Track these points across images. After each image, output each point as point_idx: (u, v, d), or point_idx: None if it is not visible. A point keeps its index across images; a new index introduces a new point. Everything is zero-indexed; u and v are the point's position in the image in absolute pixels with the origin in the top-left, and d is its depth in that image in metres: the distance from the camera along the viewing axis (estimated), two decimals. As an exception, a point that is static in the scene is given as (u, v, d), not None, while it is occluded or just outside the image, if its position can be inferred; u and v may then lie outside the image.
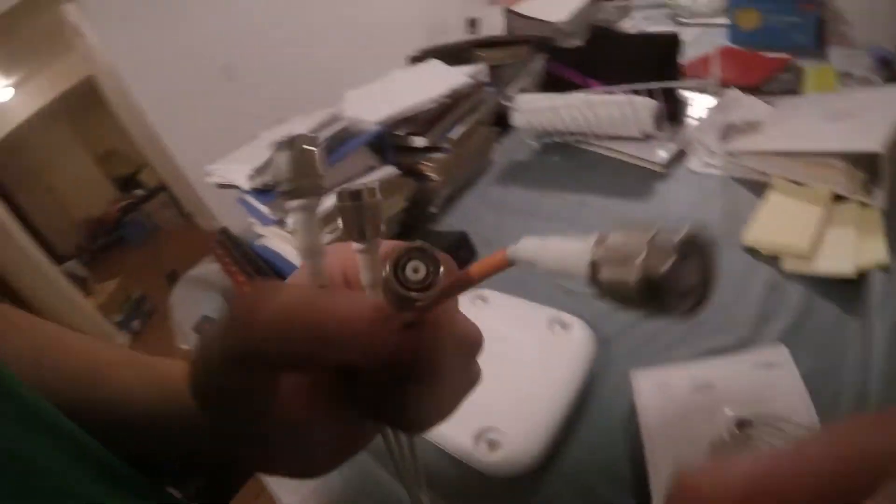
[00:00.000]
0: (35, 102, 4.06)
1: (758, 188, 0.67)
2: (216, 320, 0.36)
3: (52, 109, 4.13)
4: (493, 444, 0.48)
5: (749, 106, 0.78)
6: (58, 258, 3.51)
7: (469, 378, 0.26)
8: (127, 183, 4.83)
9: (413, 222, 0.84)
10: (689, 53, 0.96)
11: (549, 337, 0.56)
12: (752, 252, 0.60)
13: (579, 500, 0.45)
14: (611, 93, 0.81)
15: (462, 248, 0.76)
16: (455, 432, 0.49)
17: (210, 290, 1.01)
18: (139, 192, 4.75)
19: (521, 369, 0.54)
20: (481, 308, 0.64)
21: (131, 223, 4.53)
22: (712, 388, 0.43)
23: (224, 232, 1.08)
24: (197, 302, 0.99)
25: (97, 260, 4.44)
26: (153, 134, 2.59)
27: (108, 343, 0.31)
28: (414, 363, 0.21)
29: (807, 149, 0.62)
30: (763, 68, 0.89)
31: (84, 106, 4.26)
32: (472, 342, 0.25)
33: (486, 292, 0.65)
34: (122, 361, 0.29)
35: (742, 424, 0.37)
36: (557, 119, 0.86)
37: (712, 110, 0.80)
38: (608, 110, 0.80)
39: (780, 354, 0.45)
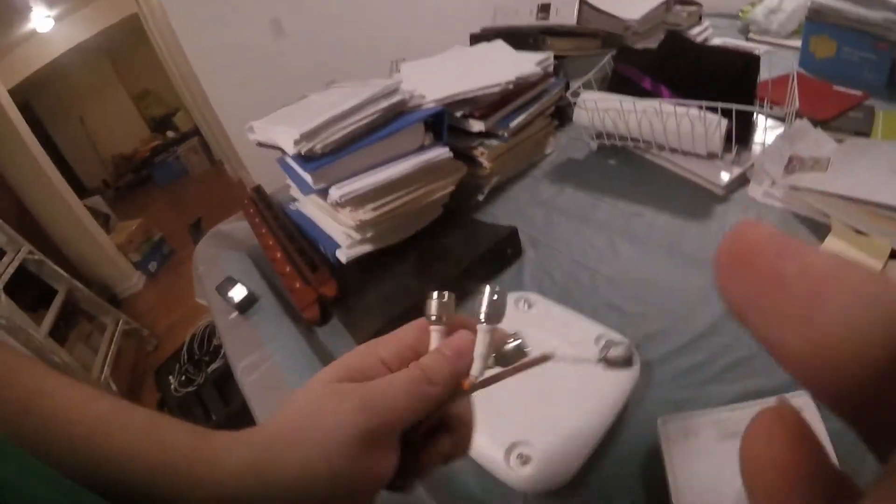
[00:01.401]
0: (76, 36, 4.05)
1: (818, 228, 0.63)
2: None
3: (92, 44, 4.13)
4: (523, 459, 0.46)
5: (816, 140, 0.72)
6: (83, 192, 3.55)
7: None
8: (160, 124, 4.84)
9: (457, 207, 0.80)
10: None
11: (594, 355, 0.53)
12: None
13: None
14: (684, 105, 0.76)
15: (510, 245, 0.72)
16: (488, 444, 0.47)
17: (236, 250, 0.99)
18: (171, 134, 4.76)
19: (561, 386, 0.51)
20: (525, 312, 0.60)
21: (160, 164, 4.56)
22: (738, 439, 0.40)
23: (258, 191, 1.05)
24: (222, 260, 0.97)
25: (122, 198, 4.49)
26: (192, 79, 2.56)
27: (101, 394, 0.27)
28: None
29: (871, 199, 0.59)
30: (837, 103, 0.82)
31: (126, 44, 4.26)
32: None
33: (532, 296, 0.61)
34: (119, 421, 0.26)
35: None
36: (622, 122, 0.81)
37: (779, 139, 0.74)
38: (679, 123, 0.75)
39: (805, 404, 0.42)
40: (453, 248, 0.72)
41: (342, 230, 0.74)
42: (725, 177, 0.73)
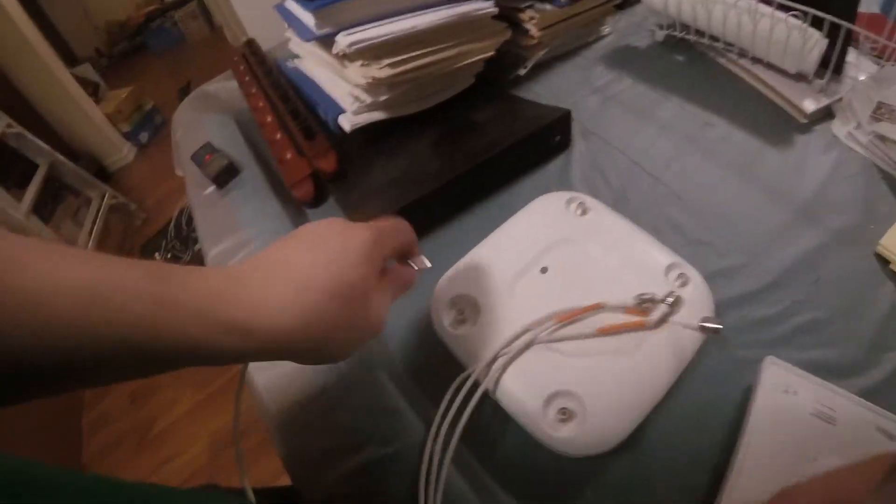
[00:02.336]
0: None
1: None
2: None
3: None
4: (565, 415, 0.37)
5: None
6: (75, 62, 3.30)
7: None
8: (157, -13, 4.46)
9: (493, 79, 0.64)
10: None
11: (663, 288, 0.40)
12: (882, 261, 0.47)
13: (643, 498, 0.38)
14: (785, 9, 0.58)
15: (560, 131, 0.57)
16: (523, 391, 0.38)
17: (220, 112, 0.83)
18: (169, -2, 4.40)
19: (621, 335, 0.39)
20: (578, 218, 0.46)
21: (156, 30, 4.23)
22: (832, 424, 0.36)
23: (250, 45, 0.88)
24: (203, 124, 0.81)
25: (115, 67, 4.24)
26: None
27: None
28: None
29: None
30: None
31: None
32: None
33: (588, 200, 0.47)
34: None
35: None
36: (704, 14, 0.64)
37: (870, 79, 0.59)
38: (773, 28, 0.58)
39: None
40: (487, 125, 0.56)
41: (349, 90, 0.59)
42: (811, 105, 0.59)
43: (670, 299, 0.38)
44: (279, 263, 0.29)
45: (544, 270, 0.42)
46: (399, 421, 0.42)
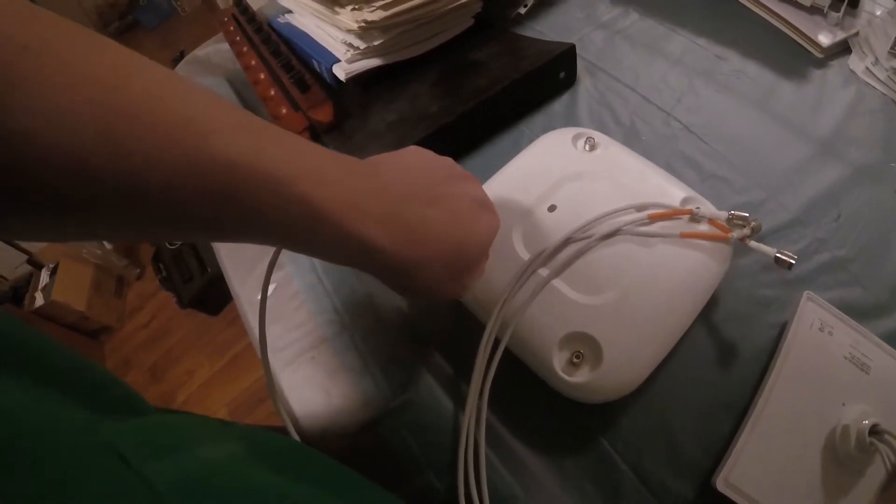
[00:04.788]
0: None
1: None
2: None
3: None
4: (579, 357, 0.35)
5: None
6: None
7: None
8: (145, -40, 4.34)
9: (492, 20, 0.61)
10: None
11: (680, 226, 0.38)
12: None
13: (661, 443, 0.37)
14: None
15: (564, 66, 0.54)
16: (536, 337, 0.37)
17: (214, 75, 0.81)
18: (157, -30, 4.29)
19: (633, 264, 0.37)
20: (586, 153, 0.44)
21: (147, 6, 4.14)
22: (864, 372, 0.35)
23: (239, 4, 0.84)
24: (197, 87, 0.79)
25: (110, 44, 4.18)
26: None
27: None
28: None
29: None
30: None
31: None
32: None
33: (596, 135, 0.45)
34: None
35: (876, 432, 0.31)
36: None
37: (886, 13, 0.57)
38: None
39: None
40: (488, 64, 0.54)
41: (342, 38, 0.56)
42: (827, 38, 0.56)
43: (754, 222, 0.37)
44: (418, 195, 0.30)
45: (552, 209, 0.40)
46: (412, 375, 0.41)
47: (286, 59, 0.62)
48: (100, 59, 0.19)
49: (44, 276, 1.87)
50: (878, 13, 0.57)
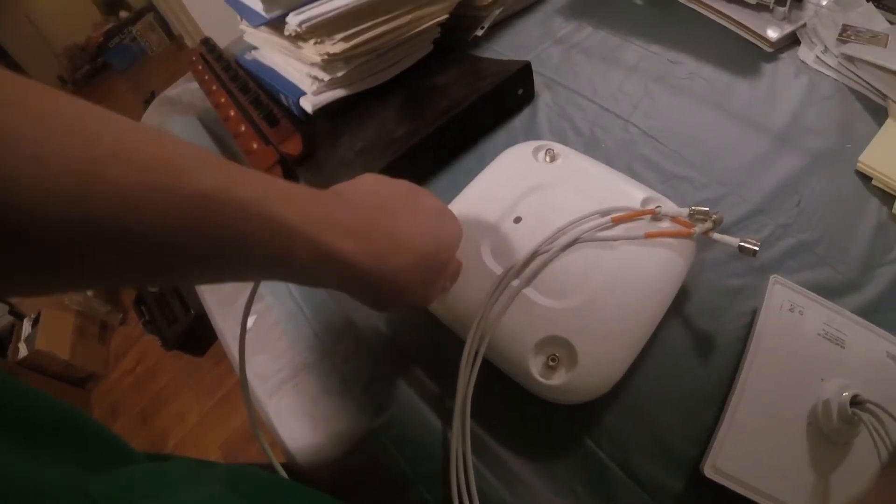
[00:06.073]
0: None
1: (875, 111, 0.51)
2: None
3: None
4: (554, 360, 0.36)
5: (867, 15, 0.59)
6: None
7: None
8: (111, 4, 4.36)
9: (451, 44, 0.63)
10: None
11: (644, 226, 0.40)
12: (863, 178, 0.47)
13: (646, 438, 0.37)
14: None
15: (521, 83, 0.56)
16: (512, 344, 0.38)
17: (185, 114, 0.82)
18: (124, 14, 4.32)
19: (600, 266, 0.39)
20: (546, 165, 0.46)
21: (116, 48, 4.16)
22: (840, 347, 0.36)
23: (206, 43, 0.86)
24: (168, 127, 0.80)
25: (81, 91, 4.17)
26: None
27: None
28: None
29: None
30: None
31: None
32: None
33: (556, 146, 0.47)
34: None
35: (857, 403, 0.32)
36: None
37: (832, 2, 0.60)
38: None
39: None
40: (449, 86, 0.56)
41: (306, 72, 0.58)
42: (775, 33, 0.59)
43: (715, 215, 0.38)
44: (383, 211, 0.32)
45: (517, 220, 0.42)
46: (393, 392, 0.42)
47: (254, 94, 0.63)
48: (72, 113, 0.20)
49: (26, 327, 1.84)
50: (825, 2, 0.60)
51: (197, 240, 0.22)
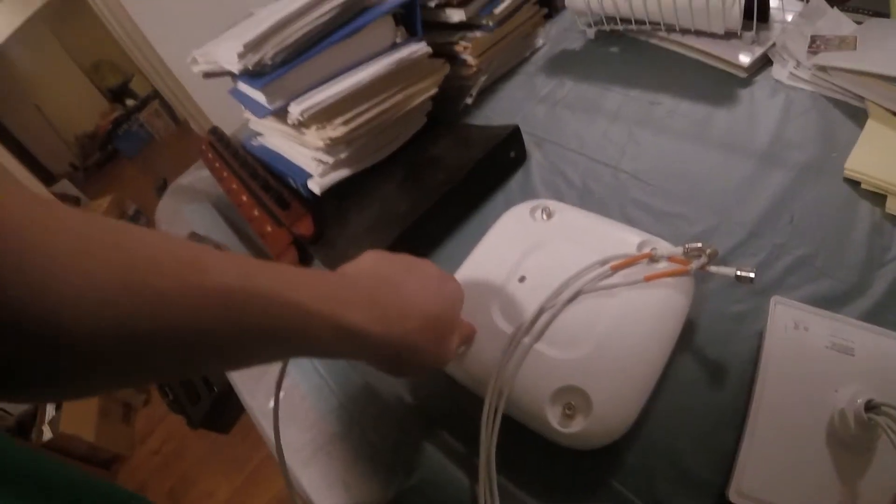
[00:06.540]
0: (16, 18, 3.76)
1: (854, 113, 0.53)
2: None
3: (34, 24, 3.83)
4: (571, 409, 0.38)
5: (835, 20, 0.62)
6: (52, 179, 3.36)
7: None
8: (118, 93, 4.57)
9: (443, 115, 0.68)
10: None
11: (643, 269, 0.42)
12: (852, 184, 0.48)
13: (670, 471, 0.38)
14: None
15: (513, 146, 0.60)
16: (528, 398, 0.39)
17: (199, 201, 0.87)
18: (131, 101, 4.51)
19: (604, 312, 0.41)
20: (545, 223, 0.49)
21: (125, 135, 4.33)
22: (849, 356, 0.36)
23: (214, 132, 0.92)
24: (184, 215, 0.85)
25: (93, 177, 4.33)
26: (142, 40, 2.35)
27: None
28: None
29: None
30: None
31: (68, 16, 3.98)
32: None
33: (550, 203, 0.50)
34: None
35: (871, 407, 0.32)
36: (624, 3, 0.68)
37: (798, 17, 0.63)
38: None
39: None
40: (446, 156, 0.60)
41: (311, 155, 0.62)
42: (747, 57, 0.62)
43: (709, 249, 0.40)
44: (386, 282, 0.34)
45: (522, 280, 0.44)
46: (420, 454, 0.43)
47: (263, 179, 0.67)
48: (107, 229, 0.23)
49: (49, 410, 1.86)
50: (790, 18, 0.63)
51: (227, 328, 0.25)
